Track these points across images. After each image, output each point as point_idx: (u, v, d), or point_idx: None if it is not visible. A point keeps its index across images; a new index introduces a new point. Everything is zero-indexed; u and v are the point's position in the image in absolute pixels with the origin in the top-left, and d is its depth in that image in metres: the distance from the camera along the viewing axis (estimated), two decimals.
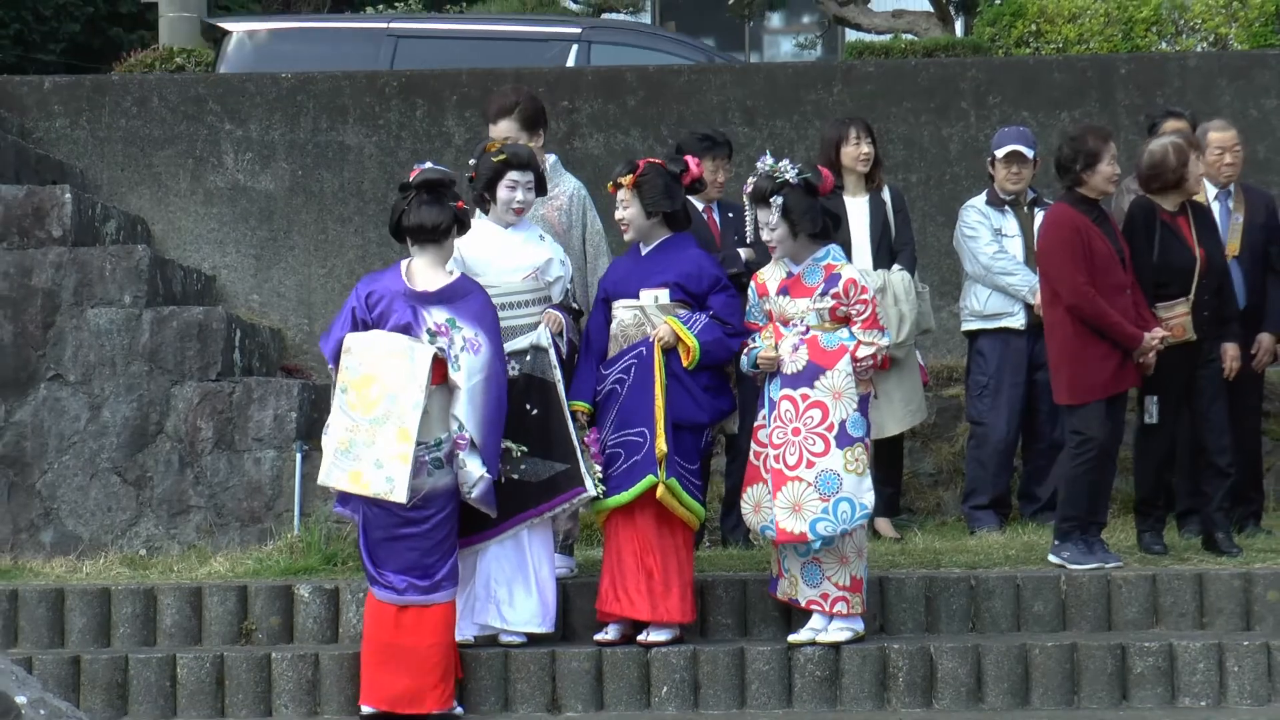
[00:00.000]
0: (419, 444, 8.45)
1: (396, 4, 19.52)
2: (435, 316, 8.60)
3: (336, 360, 8.60)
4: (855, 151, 10.43)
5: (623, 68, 13.55)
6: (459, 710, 8.68)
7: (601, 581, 9.01)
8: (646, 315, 9.05)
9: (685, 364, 8.96)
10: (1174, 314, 9.62)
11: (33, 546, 10.79)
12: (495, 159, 9.10)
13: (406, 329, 8.58)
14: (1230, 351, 9.98)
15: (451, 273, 8.78)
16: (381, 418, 8.47)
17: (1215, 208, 10.39)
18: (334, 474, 8.52)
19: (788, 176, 8.85)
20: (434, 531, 8.58)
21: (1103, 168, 9.54)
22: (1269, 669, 8.77)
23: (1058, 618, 9.22)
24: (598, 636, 9.00)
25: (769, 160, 8.97)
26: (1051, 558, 9.49)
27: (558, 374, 8.96)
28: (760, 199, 8.88)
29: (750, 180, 8.98)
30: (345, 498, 8.66)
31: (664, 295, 9.06)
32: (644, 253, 9.17)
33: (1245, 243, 10.43)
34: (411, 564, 8.56)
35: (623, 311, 9.09)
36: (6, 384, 11.03)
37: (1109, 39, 15.11)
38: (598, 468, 8.89)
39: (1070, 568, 9.36)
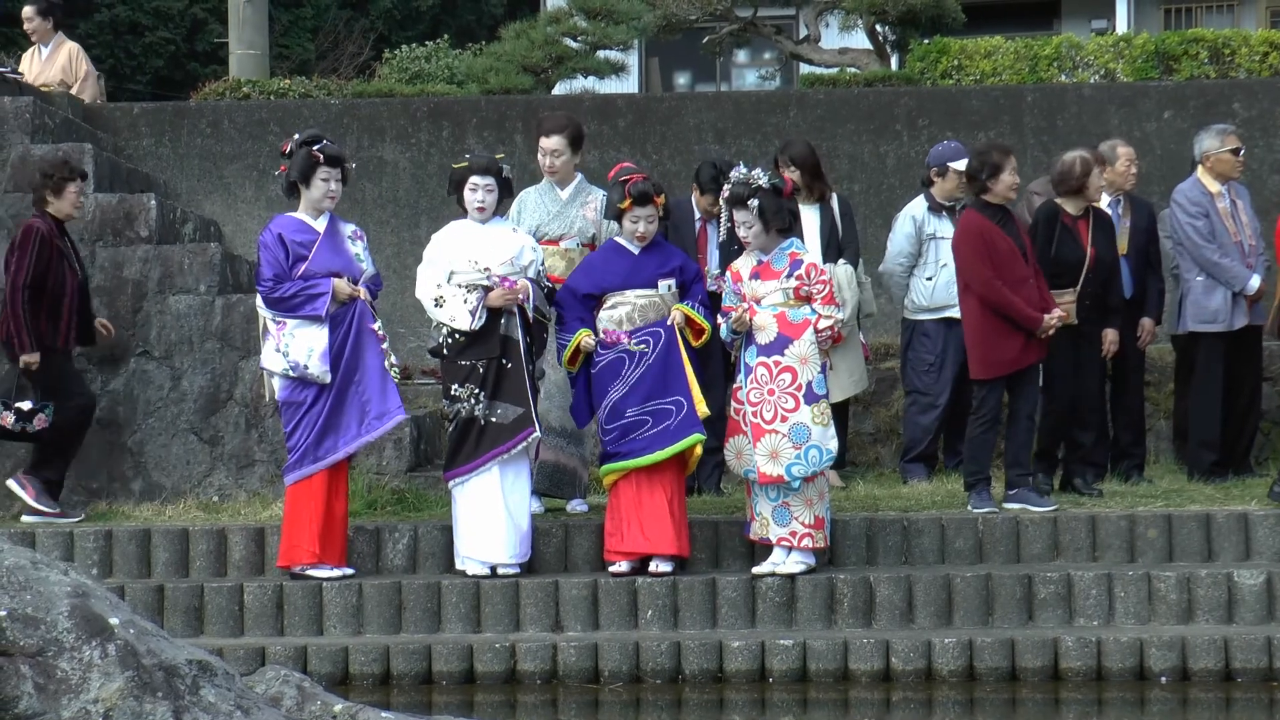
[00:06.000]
0: None
1: (426, 43, 19.37)
2: None
3: None
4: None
5: (614, 95, 13.43)
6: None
7: (624, 525, 8.84)
8: (665, 301, 8.99)
9: (697, 344, 8.92)
10: (1061, 300, 9.58)
11: (124, 494, 10.73)
12: (458, 165, 9.07)
13: None
14: (1110, 336, 9.95)
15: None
16: None
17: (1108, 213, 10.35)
18: None
19: (760, 182, 8.77)
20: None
21: (1005, 177, 9.43)
22: (1149, 594, 8.77)
23: (975, 552, 9.20)
24: (613, 569, 8.89)
25: (743, 169, 8.87)
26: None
27: (520, 334, 8.89)
28: (738, 202, 8.78)
29: (726, 187, 8.85)
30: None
31: (673, 284, 9.02)
32: (638, 251, 9.07)
33: (1132, 243, 10.39)
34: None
35: (638, 299, 8.99)
36: (103, 359, 10.96)
37: (1018, 72, 15.04)
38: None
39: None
